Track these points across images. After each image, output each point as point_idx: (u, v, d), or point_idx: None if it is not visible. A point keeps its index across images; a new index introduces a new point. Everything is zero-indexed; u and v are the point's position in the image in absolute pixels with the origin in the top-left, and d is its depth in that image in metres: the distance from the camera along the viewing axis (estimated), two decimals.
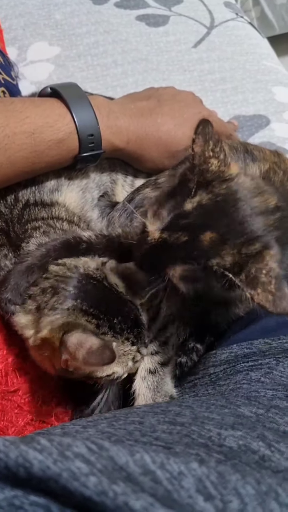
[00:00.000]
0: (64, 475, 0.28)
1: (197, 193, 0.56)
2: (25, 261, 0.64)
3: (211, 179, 0.56)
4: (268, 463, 0.37)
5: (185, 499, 0.29)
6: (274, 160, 0.76)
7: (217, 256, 0.53)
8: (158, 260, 0.57)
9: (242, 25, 1.39)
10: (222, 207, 0.55)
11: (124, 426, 0.42)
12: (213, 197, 0.55)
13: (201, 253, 0.54)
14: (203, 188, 0.56)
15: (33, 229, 0.67)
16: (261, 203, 0.57)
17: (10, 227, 0.68)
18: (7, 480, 0.29)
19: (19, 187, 0.71)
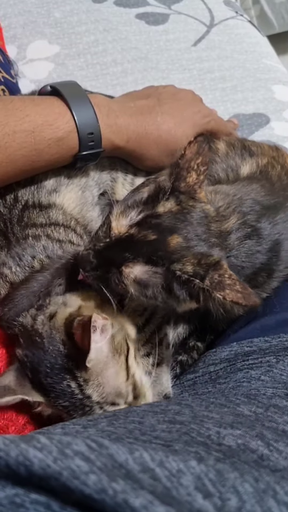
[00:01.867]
0: (64, 474, 0.28)
1: (169, 197, 0.59)
2: (31, 285, 0.64)
3: (183, 191, 0.60)
4: (266, 462, 0.37)
5: (184, 497, 0.29)
6: (272, 155, 0.77)
7: (180, 261, 0.56)
8: (118, 255, 0.57)
9: (241, 23, 1.39)
10: (188, 218, 0.58)
11: (124, 425, 0.42)
12: (181, 208, 0.59)
13: (165, 254, 0.56)
14: (174, 196, 0.59)
15: (33, 238, 0.67)
16: (217, 228, 0.60)
17: (8, 228, 0.68)
18: (8, 479, 0.29)
19: (19, 186, 0.71)
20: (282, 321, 0.65)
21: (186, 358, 0.72)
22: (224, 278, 0.54)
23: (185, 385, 0.65)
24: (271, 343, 0.62)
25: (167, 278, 0.56)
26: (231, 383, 0.59)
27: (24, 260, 0.66)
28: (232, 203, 0.64)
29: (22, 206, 0.70)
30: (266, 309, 0.67)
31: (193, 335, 0.74)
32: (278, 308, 0.66)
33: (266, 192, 0.68)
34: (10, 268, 0.66)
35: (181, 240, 0.57)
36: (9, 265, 0.66)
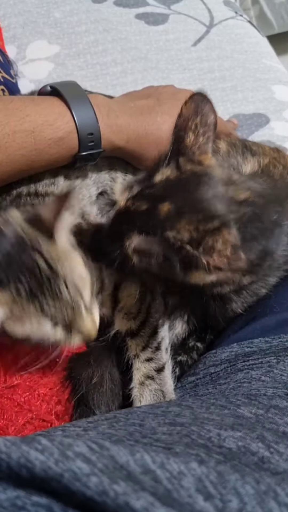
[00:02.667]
0: (66, 476, 0.28)
1: (170, 162, 0.58)
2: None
3: (182, 152, 0.58)
4: (267, 464, 0.37)
5: (185, 499, 0.29)
6: (273, 156, 0.77)
7: (173, 229, 0.54)
8: (120, 228, 0.58)
9: (241, 23, 1.39)
10: (183, 184, 0.56)
11: (125, 427, 0.42)
12: (178, 174, 0.57)
13: (157, 223, 0.55)
14: (174, 161, 0.58)
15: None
16: (227, 191, 0.57)
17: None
18: (9, 481, 0.29)
19: (16, 184, 0.71)
20: (283, 321, 0.65)
21: (186, 358, 0.72)
22: (217, 244, 0.51)
23: (186, 388, 0.65)
24: (272, 344, 0.62)
25: (164, 247, 0.55)
26: (231, 383, 0.59)
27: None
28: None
29: (14, 196, 0.69)
30: (266, 309, 0.67)
31: (193, 335, 0.74)
32: (278, 308, 0.66)
33: (268, 187, 0.67)
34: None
35: (172, 207, 0.55)
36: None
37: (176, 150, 0.58)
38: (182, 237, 0.53)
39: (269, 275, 0.67)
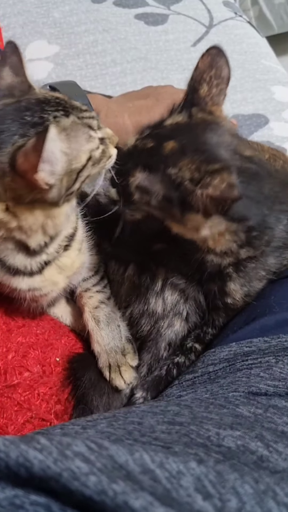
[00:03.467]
0: (65, 475, 0.28)
1: (182, 111, 0.61)
2: None
3: (195, 102, 0.61)
4: (266, 463, 0.37)
5: (184, 498, 0.29)
6: (273, 152, 0.79)
7: (175, 166, 0.56)
8: (126, 165, 0.61)
9: (241, 24, 1.39)
10: (191, 127, 0.60)
11: (124, 426, 0.42)
12: (188, 120, 0.60)
13: (160, 159, 0.57)
14: (186, 110, 0.61)
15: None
16: (232, 142, 0.60)
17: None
18: (8, 480, 0.29)
19: None
20: (282, 321, 0.65)
21: (183, 360, 0.72)
22: (215, 181, 0.52)
23: (184, 385, 0.65)
24: (271, 344, 0.62)
25: (165, 184, 0.57)
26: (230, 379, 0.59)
27: None
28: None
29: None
30: (266, 309, 0.67)
31: (191, 336, 0.74)
32: (278, 308, 0.66)
33: (272, 169, 0.70)
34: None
35: (176, 145, 0.57)
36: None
37: (190, 100, 0.61)
38: (183, 174, 0.55)
39: (268, 254, 0.67)
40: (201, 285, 0.69)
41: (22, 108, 0.55)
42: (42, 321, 0.71)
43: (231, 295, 0.68)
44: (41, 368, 0.66)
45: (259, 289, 0.70)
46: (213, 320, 0.72)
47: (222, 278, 0.67)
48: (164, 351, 0.72)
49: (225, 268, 0.65)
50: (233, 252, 0.63)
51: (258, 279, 0.69)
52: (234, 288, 0.68)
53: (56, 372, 0.68)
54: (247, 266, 0.66)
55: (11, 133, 0.53)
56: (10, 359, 0.65)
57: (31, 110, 0.54)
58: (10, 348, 0.65)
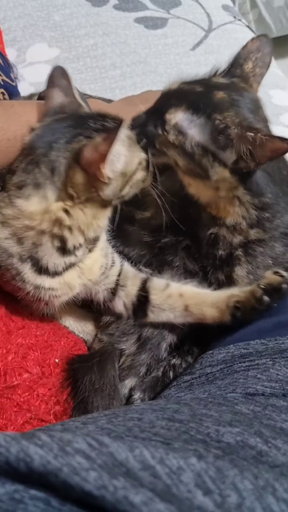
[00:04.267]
0: (65, 470, 0.29)
1: (224, 76, 0.69)
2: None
3: (237, 75, 0.68)
4: (265, 458, 0.38)
5: (184, 494, 0.29)
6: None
7: (222, 113, 0.62)
8: (165, 104, 0.65)
9: (240, 28, 1.40)
10: (238, 89, 0.66)
11: (123, 423, 0.43)
12: (232, 85, 0.67)
13: (209, 103, 0.63)
14: (229, 78, 0.68)
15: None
16: (266, 119, 0.69)
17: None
18: (8, 475, 0.29)
19: None
20: (279, 324, 0.66)
21: (180, 361, 0.73)
22: (255, 142, 0.58)
23: (182, 387, 0.65)
24: (268, 346, 0.63)
25: (205, 129, 0.62)
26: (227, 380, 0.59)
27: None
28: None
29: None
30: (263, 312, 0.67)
31: (189, 339, 0.74)
32: (275, 310, 0.66)
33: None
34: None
35: (226, 96, 0.63)
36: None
37: (233, 71, 0.68)
38: (231, 120, 0.61)
39: (277, 241, 0.69)
40: (207, 278, 0.71)
41: (85, 116, 0.61)
42: (42, 323, 0.71)
43: (237, 284, 0.69)
44: (40, 370, 0.67)
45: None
46: None
47: (231, 263, 0.69)
48: (164, 352, 0.73)
49: (235, 250, 0.68)
50: (243, 230, 0.67)
51: (264, 269, 0.70)
52: (240, 274, 0.69)
53: (55, 373, 0.68)
54: (255, 250, 0.69)
55: (71, 135, 0.58)
56: (10, 360, 0.65)
57: (94, 119, 0.60)
58: (10, 349, 0.66)
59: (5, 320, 0.68)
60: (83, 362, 0.70)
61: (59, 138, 0.58)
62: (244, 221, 0.67)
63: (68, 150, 0.57)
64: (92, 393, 0.67)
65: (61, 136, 0.58)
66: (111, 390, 0.69)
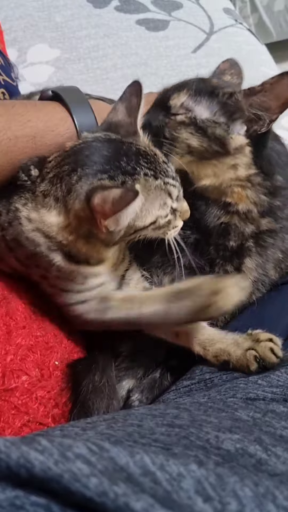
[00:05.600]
0: (66, 476, 0.29)
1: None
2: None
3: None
4: (264, 466, 0.37)
5: (184, 500, 0.29)
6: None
7: (223, 88, 0.68)
8: (165, 96, 0.70)
9: (241, 31, 1.40)
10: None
11: (123, 428, 0.42)
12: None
13: (208, 85, 0.69)
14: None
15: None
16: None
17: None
18: (8, 481, 0.29)
19: None
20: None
21: (178, 363, 0.73)
22: (264, 83, 0.63)
23: (181, 392, 0.65)
24: None
25: (211, 103, 0.66)
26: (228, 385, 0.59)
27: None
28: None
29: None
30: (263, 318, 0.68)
31: None
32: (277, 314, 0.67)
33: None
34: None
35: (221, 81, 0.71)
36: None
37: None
38: (230, 91, 0.66)
39: (287, 231, 0.70)
40: (214, 270, 0.71)
41: (122, 152, 0.59)
42: (44, 323, 0.70)
43: (245, 271, 0.70)
44: (39, 372, 0.66)
45: (270, 281, 0.71)
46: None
47: (242, 254, 0.70)
48: (162, 353, 0.73)
49: (246, 240, 0.69)
50: (255, 218, 0.68)
51: (273, 263, 0.70)
52: (250, 266, 0.70)
53: (54, 375, 0.68)
54: (266, 241, 0.69)
55: (99, 168, 0.57)
56: (9, 362, 0.64)
57: (129, 158, 0.58)
58: (8, 350, 0.65)
59: (6, 319, 0.67)
60: (83, 365, 0.70)
61: (89, 166, 0.57)
62: (255, 209, 0.68)
63: (87, 183, 0.56)
64: (92, 395, 0.67)
65: (91, 164, 0.57)
66: (110, 391, 0.69)
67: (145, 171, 0.59)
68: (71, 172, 0.57)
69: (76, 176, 0.57)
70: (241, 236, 0.69)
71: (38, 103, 0.71)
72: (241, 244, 0.69)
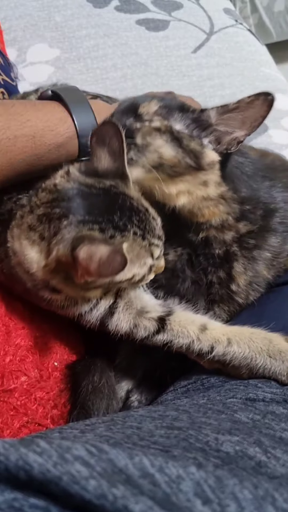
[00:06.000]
0: (64, 479, 0.28)
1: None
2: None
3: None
4: (264, 469, 0.37)
5: (183, 503, 0.29)
6: (262, 152, 0.87)
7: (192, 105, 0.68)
8: (132, 104, 0.66)
9: (241, 31, 1.40)
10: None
11: (122, 430, 0.42)
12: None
13: (177, 100, 0.68)
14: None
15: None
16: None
17: None
18: (7, 483, 0.29)
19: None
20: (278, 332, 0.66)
21: (177, 364, 0.73)
22: (242, 100, 0.62)
23: (178, 392, 0.65)
24: None
25: (183, 117, 0.64)
26: (227, 386, 0.59)
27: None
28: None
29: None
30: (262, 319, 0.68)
31: None
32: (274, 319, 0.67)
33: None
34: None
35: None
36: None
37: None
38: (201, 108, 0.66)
39: (268, 230, 0.70)
40: (207, 279, 0.71)
41: (117, 206, 0.58)
42: (43, 324, 0.70)
43: (236, 280, 0.70)
44: (38, 373, 0.66)
45: (264, 281, 0.72)
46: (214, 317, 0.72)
47: (230, 259, 0.70)
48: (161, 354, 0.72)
49: (230, 246, 0.69)
50: (231, 225, 0.68)
51: (264, 263, 0.71)
52: (239, 270, 0.70)
53: (53, 376, 0.68)
54: (249, 243, 0.69)
55: (91, 219, 0.56)
56: (8, 363, 0.64)
57: (122, 214, 0.58)
58: (8, 351, 0.65)
59: (5, 320, 0.67)
60: (82, 366, 0.70)
61: (79, 213, 0.56)
62: (229, 217, 0.67)
63: (75, 230, 0.55)
64: (92, 396, 0.67)
65: (81, 213, 0.56)
66: (110, 391, 0.69)
67: (135, 230, 0.58)
68: (62, 217, 0.56)
69: (67, 222, 0.55)
70: (224, 243, 0.69)
71: (37, 102, 0.71)
72: (227, 250, 0.69)
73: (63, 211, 0.56)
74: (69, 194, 0.58)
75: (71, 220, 0.55)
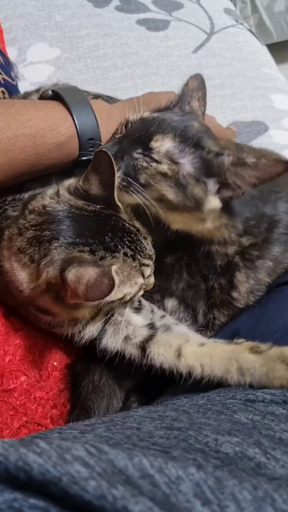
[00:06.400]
0: (64, 479, 0.28)
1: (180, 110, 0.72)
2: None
3: (189, 112, 0.71)
4: (263, 470, 0.37)
5: (183, 503, 0.29)
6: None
7: (209, 140, 0.65)
8: (146, 131, 0.63)
9: (241, 32, 1.40)
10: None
11: (122, 431, 0.42)
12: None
13: (192, 132, 0.63)
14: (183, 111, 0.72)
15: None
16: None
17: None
18: (7, 483, 0.29)
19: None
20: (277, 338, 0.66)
21: None
22: (261, 160, 0.58)
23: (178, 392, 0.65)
24: None
25: (195, 158, 0.61)
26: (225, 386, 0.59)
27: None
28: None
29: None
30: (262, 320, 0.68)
31: None
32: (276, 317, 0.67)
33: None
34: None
35: (201, 126, 0.66)
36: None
37: (182, 108, 0.71)
38: (217, 150, 0.62)
39: (271, 241, 0.70)
40: (208, 285, 0.71)
41: (109, 227, 0.59)
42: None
43: (238, 288, 0.70)
44: (38, 372, 0.66)
45: (266, 286, 0.72)
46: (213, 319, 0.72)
47: (231, 269, 0.70)
48: None
49: (233, 258, 0.69)
50: (234, 240, 0.67)
51: (265, 272, 0.71)
52: (240, 279, 0.70)
53: (53, 376, 0.68)
54: (252, 254, 0.69)
55: (82, 241, 0.56)
56: (7, 363, 0.64)
57: (114, 235, 0.58)
58: (7, 351, 0.65)
59: (4, 320, 0.67)
60: (83, 366, 0.70)
61: (69, 236, 0.56)
62: (232, 233, 0.67)
63: (65, 252, 0.55)
64: (92, 395, 0.67)
65: (72, 235, 0.56)
66: (110, 390, 0.69)
67: (125, 251, 0.59)
68: (52, 239, 0.56)
69: (57, 243, 0.56)
70: (226, 256, 0.69)
71: (38, 102, 0.71)
72: (229, 261, 0.69)
73: (53, 233, 0.56)
74: (59, 216, 0.58)
75: (61, 242, 0.56)
